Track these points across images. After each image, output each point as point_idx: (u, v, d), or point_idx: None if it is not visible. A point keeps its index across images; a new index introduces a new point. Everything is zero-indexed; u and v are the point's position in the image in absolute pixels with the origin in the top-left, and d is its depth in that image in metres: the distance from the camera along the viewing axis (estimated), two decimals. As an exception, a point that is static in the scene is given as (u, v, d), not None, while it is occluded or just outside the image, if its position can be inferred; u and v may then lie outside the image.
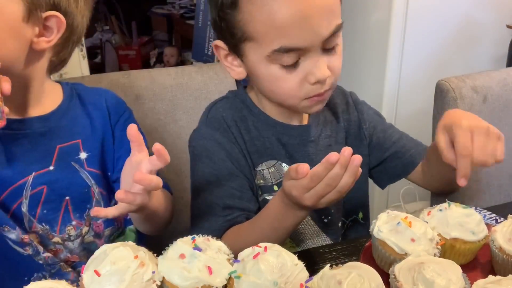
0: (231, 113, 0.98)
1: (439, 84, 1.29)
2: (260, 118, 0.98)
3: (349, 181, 0.74)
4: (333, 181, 0.74)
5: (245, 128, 0.97)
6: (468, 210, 0.82)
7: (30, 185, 0.91)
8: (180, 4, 4.09)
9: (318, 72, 0.86)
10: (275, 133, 0.98)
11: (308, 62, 0.86)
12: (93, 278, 0.65)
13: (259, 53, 0.86)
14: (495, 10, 2.06)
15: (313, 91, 0.88)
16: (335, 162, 0.72)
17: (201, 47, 2.76)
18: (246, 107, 0.99)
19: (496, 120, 1.33)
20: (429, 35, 1.99)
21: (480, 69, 1.50)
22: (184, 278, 0.66)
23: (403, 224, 0.77)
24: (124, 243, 0.70)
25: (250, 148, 0.97)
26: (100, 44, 4.03)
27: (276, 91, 0.90)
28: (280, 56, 0.84)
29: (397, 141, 1.08)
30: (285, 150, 0.98)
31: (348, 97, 1.09)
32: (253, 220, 0.89)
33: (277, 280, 0.65)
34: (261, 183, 0.97)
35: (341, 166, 0.73)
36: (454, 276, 0.67)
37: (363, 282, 0.65)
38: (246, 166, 0.96)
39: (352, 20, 2.12)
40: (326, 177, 0.73)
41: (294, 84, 0.87)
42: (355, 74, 2.20)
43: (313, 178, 0.74)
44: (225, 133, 0.96)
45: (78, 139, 0.96)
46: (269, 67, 0.87)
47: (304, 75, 0.87)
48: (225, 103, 1.01)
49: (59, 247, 0.95)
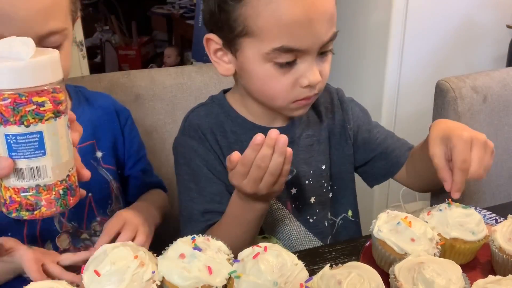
0: (206, 121, 0.99)
1: (439, 84, 1.29)
2: (238, 122, 0.99)
3: (279, 161, 0.77)
4: (262, 162, 0.77)
5: (221, 134, 0.98)
6: (468, 210, 0.82)
7: None
8: (180, 4, 4.09)
9: (311, 76, 0.87)
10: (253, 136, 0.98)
11: (303, 65, 0.87)
12: (93, 278, 0.65)
13: (257, 49, 0.86)
14: (495, 10, 2.06)
15: (303, 94, 0.89)
16: (260, 143, 0.76)
17: (201, 47, 2.74)
18: (223, 112, 1.00)
19: (496, 120, 1.33)
20: (429, 35, 1.99)
21: (480, 69, 1.49)
22: (184, 278, 0.66)
23: (403, 224, 0.77)
24: (124, 243, 0.70)
25: (227, 153, 0.96)
26: (100, 44, 4.03)
27: (266, 91, 0.90)
28: (278, 55, 0.85)
29: (382, 141, 1.08)
30: None
31: (334, 95, 1.09)
32: (221, 220, 0.92)
33: (277, 280, 0.65)
34: None
35: (268, 146, 0.76)
36: (454, 276, 0.67)
37: (363, 282, 0.65)
38: (224, 171, 0.96)
39: (352, 20, 2.12)
40: (255, 159, 0.77)
41: (286, 85, 0.88)
42: (355, 74, 2.20)
43: (244, 162, 0.78)
44: (201, 141, 0.97)
45: (93, 140, 1.01)
46: (264, 65, 0.87)
47: (297, 77, 0.87)
48: (201, 111, 1.02)
49: (88, 243, 0.99)
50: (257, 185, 0.80)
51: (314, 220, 1.03)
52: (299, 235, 1.01)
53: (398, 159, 1.07)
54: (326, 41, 0.86)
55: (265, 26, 0.83)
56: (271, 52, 0.84)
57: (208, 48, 0.93)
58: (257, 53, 0.86)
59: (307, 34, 0.83)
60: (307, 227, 1.02)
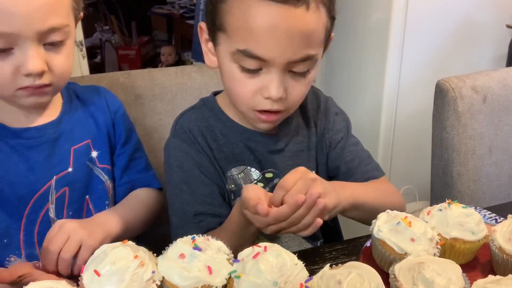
0: (196, 124, 0.99)
1: (439, 84, 1.29)
2: (227, 125, 0.99)
3: (310, 221, 0.77)
4: (297, 220, 0.77)
5: (211, 137, 0.98)
6: (468, 210, 0.82)
7: (54, 189, 0.94)
8: (180, 4, 4.09)
9: (271, 89, 0.85)
10: (243, 139, 0.98)
11: (267, 76, 0.85)
12: (93, 278, 0.65)
13: (227, 47, 0.86)
14: (495, 10, 2.06)
15: (262, 105, 0.88)
16: (301, 203, 0.75)
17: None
18: (213, 115, 1.00)
19: (496, 120, 1.33)
20: (429, 35, 1.99)
21: (480, 69, 1.49)
22: (184, 278, 0.66)
23: (403, 224, 0.77)
24: (124, 243, 0.70)
25: (218, 155, 0.97)
26: (100, 44, 4.03)
27: (231, 91, 0.91)
28: (242, 59, 0.84)
29: (348, 161, 1.05)
30: (253, 156, 0.99)
31: (321, 102, 1.07)
32: (221, 228, 0.91)
33: (277, 280, 0.65)
34: (232, 188, 0.98)
35: (307, 207, 0.76)
36: (454, 275, 0.67)
37: (363, 281, 0.65)
38: (216, 173, 0.96)
39: (352, 20, 2.12)
40: (291, 217, 0.76)
41: (248, 91, 0.87)
42: (355, 74, 2.20)
43: (278, 218, 0.76)
44: (191, 144, 0.97)
45: (88, 139, 0.99)
46: (232, 64, 0.87)
47: (260, 87, 0.86)
48: (192, 114, 1.01)
49: None
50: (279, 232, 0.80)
51: None
52: (288, 237, 1.01)
53: None
54: (295, 60, 0.83)
55: (234, 25, 0.83)
56: (236, 53, 0.84)
57: (200, 36, 0.95)
58: (227, 51, 0.86)
59: (272, 45, 0.81)
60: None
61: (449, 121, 1.28)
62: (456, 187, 1.29)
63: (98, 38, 4.07)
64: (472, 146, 1.29)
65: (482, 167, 1.31)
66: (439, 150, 1.32)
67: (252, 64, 0.84)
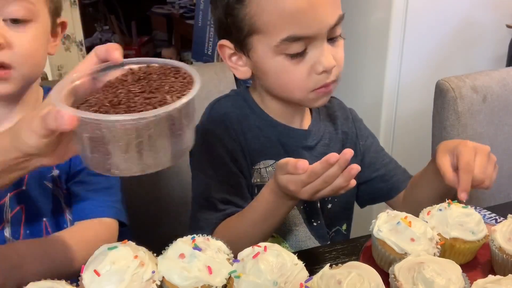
0: (233, 111, 0.99)
1: (439, 84, 1.29)
2: (262, 117, 0.99)
3: (343, 184, 0.77)
4: (330, 179, 0.76)
5: (246, 126, 0.98)
6: (468, 209, 0.82)
7: (9, 207, 0.88)
8: (180, 4, 4.09)
9: (325, 61, 0.87)
10: (276, 134, 0.99)
11: (315, 51, 0.87)
12: (93, 278, 0.65)
13: (267, 44, 0.87)
14: (495, 10, 2.06)
15: (320, 82, 0.89)
16: (333, 162, 0.74)
17: (201, 47, 2.76)
18: (248, 106, 1.00)
19: (496, 120, 1.33)
20: (429, 35, 1.99)
21: (480, 69, 1.49)
22: (184, 278, 0.66)
23: (403, 224, 0.77)
24: (124, 243, 0.70)
25: (249, 146, 0.97)
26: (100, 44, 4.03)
27: (283, 85, 0.91)
28: (288, 46, 0.86)
29: (386, 164, 1.09)
30: (283, 151, 0.99)
31: (348, 113, 1.11)
32: (243, 212, 0.90)
33: (277, 279, 0.65)
34: (258, 182, 0.98)
35: (340, 166, 0.75)
36: (454, 275, 0.67)
37: (363, 281, 0.65)
38: (244, 164, 0.97)
39: (352, 20, 2.12)
40: (324, 174, 0.75)
41: (301, 75, 0.88)
42: (355, 74, 2.20)
43: (312, 175, 0.76)
44: (226, 130, 0.96)
45: None
46: (277, 58, 0.88)
47: (311, 65, 0.88)
48: (228, 101, 1.02)
49: None
50: (315, 194, 0.79)
51: (317, 224, 1.03)
52: (305, 237, 1.01)
53: (398, 184, 1.08)
54: (333, 25, 0.86)
55: (270, 20, 0.85)
56: (280, 43, 0.85)
57: (223, 54, 0.95)
58: (268, 48, 0.87)
59: (312, 20, 0.84)
60: (310, 230, 1.03)
61: (449, 121, 1.28)
62: (456, 187, 1.29)
63: (98, 38, 4.07)
64: (472, 146, 1.29)
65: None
66: (439, 150, 1.32)
67: (298, 47, 0.86)
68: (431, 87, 1.34)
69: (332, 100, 1.11)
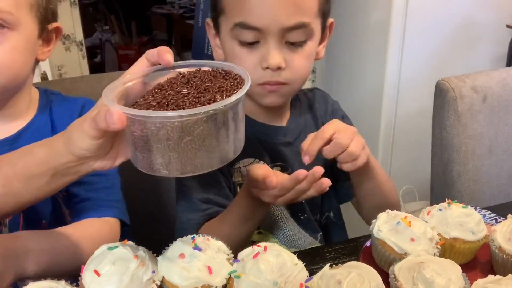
0: None
1: (439, 84, 1.29)
2: None
3: (314, 195, 0.80)
4: (301, 193, 0.79)
5: None
6: (468, 209, 0.82)
7: None
8: (180, 4, 4.09)
9: (270, 59, 0.87)
10: (254, 132, 1.00)
11: (265, 46, 0.88)
12: (93, 278, 0.65)
13: (226, 26, 0.90)
14: (495, 10, 2.06)
15: (264, 77, 0.90)
16: (302, 179, 0.77)
17: (201, 47, 2.76)
18: None
19: (496, 120, 1.33)
20: (429, 34, 1.99)
21: (480, 69, 1.49)
22: (184, 278, 0.66)
23: (403, 224, 0.77)
24: (124, 243, 0.70)
25: None
26: (100, 44, 4.03)
27: None
28: (240, 32, 0.87)
29: None
30: (263, 148, 1.00)
31: (329, 105, 1.11)
32: (223, 215, 0.91)
33: (277, 279, 0.65)
34: (239, 180, 0.99)
35: (309, 182, 0.77)
36: (454, 275, 0.67)
37: (362, 281, 0.65)
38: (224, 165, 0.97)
39: (352, 20, 2.12)
40: (294, 188, 0.78)
41: (249, 65, 0.89)
42: (355, 73, 2.20)
43: (282, 189, 0.79)
44: None
45: None
46: (232, 42, 0.90)
47: (259, 58, 0.89)
48: None
49: None
50: (288, 202, 0.83)
51: (304, 218, 1.04)
52: (293, 231, 1.02)
53: None
54: (288, 27, 0.86)
55: (230, 2, 0.88)
56: (234, 28, 0.88)
57: (209, 34, 0.98)
58: (227, 30, 0.90)
59: (264, 12, 0.85)
60: (299, 224, 1.03)
61: (449, 121, 1.28)
62: (456, 187, 1.30)
63: (98, 38, 4.07)
64: (472, 146, 1.30)
65: (482, 167, 1.31)
66: (439, 150, 1.32)
67: (249, 36, 0.87)
68: (431, 87, 1.34)
69: (315, 91, 1.12)
